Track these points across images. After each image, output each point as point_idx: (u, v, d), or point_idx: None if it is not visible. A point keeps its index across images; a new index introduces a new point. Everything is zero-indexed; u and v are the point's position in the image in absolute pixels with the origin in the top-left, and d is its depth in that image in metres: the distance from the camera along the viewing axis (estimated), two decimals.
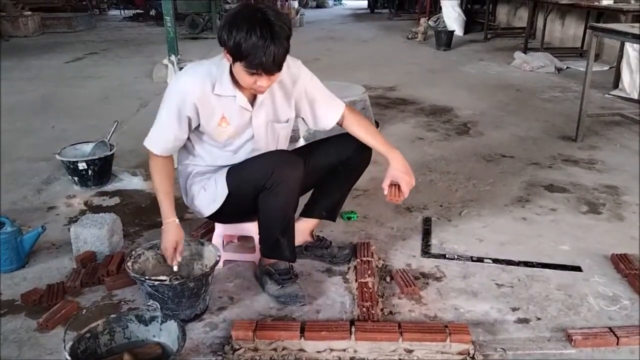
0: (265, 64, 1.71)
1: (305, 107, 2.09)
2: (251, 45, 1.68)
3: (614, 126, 4.26)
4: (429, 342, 1.75)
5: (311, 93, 2.07)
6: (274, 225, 1.99)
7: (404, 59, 7.83)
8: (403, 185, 1.99)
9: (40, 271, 2.27)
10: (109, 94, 5.61)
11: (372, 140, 2.08)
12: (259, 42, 1.67)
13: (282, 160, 1.94)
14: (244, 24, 1.69)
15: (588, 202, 2.92)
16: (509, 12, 10.56)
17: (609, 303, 2.04)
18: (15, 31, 10.31)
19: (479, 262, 2.32)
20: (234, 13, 1.76)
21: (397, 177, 2.00)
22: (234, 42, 1.70)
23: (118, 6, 15.57)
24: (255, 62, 1.71)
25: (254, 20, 1.69)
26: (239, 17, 1.72)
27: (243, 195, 1.98)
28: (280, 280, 2.04)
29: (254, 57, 1.70)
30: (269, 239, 2.04)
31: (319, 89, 2.10)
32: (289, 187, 1.92)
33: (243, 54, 1.71)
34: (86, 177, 3.05)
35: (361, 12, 16.11)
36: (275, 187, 1.89)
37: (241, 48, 1.70)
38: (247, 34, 1.68)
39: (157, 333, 1.74)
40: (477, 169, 3.42)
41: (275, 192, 1.90)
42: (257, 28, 1.68)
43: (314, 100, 2.08)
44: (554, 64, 6.54)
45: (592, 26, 4.11)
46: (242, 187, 1.97)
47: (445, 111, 4.79)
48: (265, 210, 1.97)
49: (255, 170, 1.94)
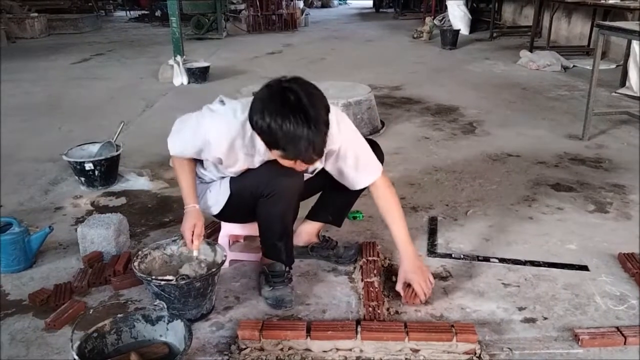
0: (304, 155, 1.63)
1: (335, 164, 1.98)
2: (287, 135, 1.58)
3: (621, 124, 4.24)
4: (435, 342, 1.74)
5: (344, 153, 1.94)
6: (272, 231, 2.00)
7: (409, 58, 7.81)
8: (416, 286, 1.96)
9: (47, 271, 2.28)
10: (115, 95, 5.63)
11: (394, 225, 2.03)
12: (296, 131, 1.57)
13: (281, 170, 1.85)
14: (277, 111, 1.57)
15: (595, 201, 2.91)
16: (514, 10, 10.53)
17: (616, 302, 2.03)
18: (21, 33, 10.38)
19: (485, 261, 2.31)
20: (264, 97, 1.63)
21: (408, 279, 1.98)
22: (268, 131, 1.60)
23: (124, 7, 15.63)
24: (292, 153, 1.63)
25: (287, 105, 1.58)
26: (270, 101, 1.61)
27: (243, 200, 1.98)
28: (272, 283, 2.04)
29: (292, 147, 1.61)
30: (267, 242, 2.06)
31: (356, 150, 1.96)
32: (286, 196, 1.91)
33: (279, 144, 1.62)
34: (93, 177, 3.06)
35: (366, 12, 16.10)
36: (272, 196, 1.88)
37: (277, 138, 1.60)
38: (282, 122, 1.56)
39: (163, 333, 1.74)
40: (483, 168, 3.41)
41: (273, 201, 1.90)
42: (290, 115, 1.56)
43: (345, 161, 1.96)
44: (560, 63, 6.51)
45: (599, 24, 4.08)
46: (242, 193, 1.97)
47: (451, 110, 4.78)
48: (263, 217, 1.98)
49: (255, 178, 1.92)
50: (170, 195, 3.01)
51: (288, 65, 7.27)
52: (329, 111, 1.68)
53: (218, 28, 10.16)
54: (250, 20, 11.20)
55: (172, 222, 2.70)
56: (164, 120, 4.52)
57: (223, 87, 5.76)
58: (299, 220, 2.33)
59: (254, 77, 6.24)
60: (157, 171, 3.36)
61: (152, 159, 3.55)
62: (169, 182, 3.19)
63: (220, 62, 7.20)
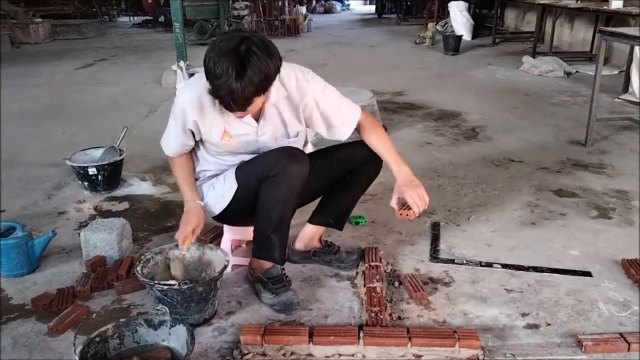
0: (223, 101, 1.72)
1: (318, 119, 2.03)
2: (214, 76, 1.66)
3: (623, 130, 4.23)
4: (438, 347, 1.74)
5: (323, 105, 2.00)
6: (269, 220, 1.96)
7: (411, 63, 7.83)
8: (409, 199, 1.93)
9: (50, 275, 2.28)
10: (119, 100, 5.65)
11: (384, 152, 2.05)
12: (221, 76, 1.64)
13: (288, 153, 1.91)
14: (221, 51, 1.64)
15: (598, 206, 2.90)
16: (517, 16, 10.55)
17: (619, 309, 2.02)
18: (26, 38, 10.44)
19: (488, 267, 2.31)
20: (224, 35, 1.71)
21: (401, 192, 1.96)
22: (205, 65, 1.68)
23: (127, 13, 15.72)
24: (213, 93, 1.72)
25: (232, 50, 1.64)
26: (223, 40, 1.67)
27: (250, 188, 1.95)
28: (274, 289, 2.02)
29: (214, 88, 1.69)
30: (261, 235, 2.01)
31: (332, 99, 2.02)
32: (290, 180, 1.89)
33: (208, 78, 1.70)
34: (96, 182, 3.07)
35: (369, 17, 16.15)
36: (277, 176, 1.87)
37: (207, 73, 1.69)
38: (216, 63, 1.64)
39: (166, 337, 1.74)
40: (485, 173, 3.41)
41: (277, 182, 1.88)
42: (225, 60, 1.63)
43: (326, 112, 2.02)
44: (562, 68, 6.51)
45: (602, 30, 4.09)
46: (249, 179, 1.95)
47: (453, 116, 4.79)
48: (264, 200, 1.94)
49: (262, 161, 1.93)
50: (173, 200, 3.02)
51: None
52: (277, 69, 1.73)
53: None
54: (253, 25, 11.24)
55: (175, 226, 2.68)
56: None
57: None
58: (301, 224, 2.34)
59: None
60: (160, 176, 3.37)
61: (155, 163, 3.55)
62: (171, 187, 3.20)
63: None
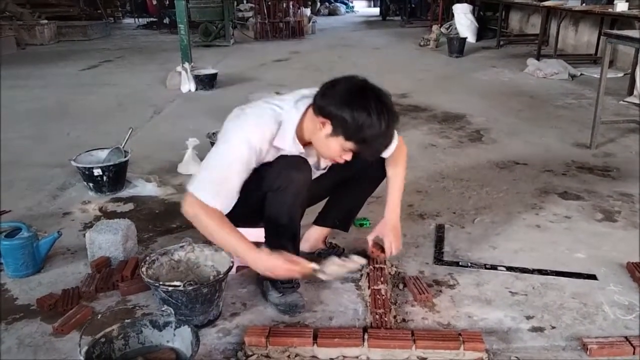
0: (376, 152, 1.76)
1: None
2: (375, 133, 1.67)
3: (628, 133, 4.22)
4: (442, 350, 1.74)
5: None
6: (279, 229, 1.96)
7: (416, 65, 7.82)
8: (387, 243, 2.06)
9: (55, 276, 2.29)
10: (123, 101, 5.67)
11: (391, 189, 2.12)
12: (382, 130, 1.66)
13: (291, 164, 1.89)
14: (369, 109, 1.65)
15: (603, 209, 2.89)
16: (521, 18, 10.53)
17: (624, 312, 2.01)
18: (31, 39, 10.48)
19: (493, 269, 2.31)
20: (351, 90, 1.69)
21: (383, 234, 2.08)
22: (354, 124, 1.65)
23: (132, 15, 15.75)
24: (372, 148, 1.73)
25: (377, 105, 1.66)
26: (360, 97, 1.67)
27: (252, 197, 1.93)
28: (281, 289, 2.03)
29: (374, 144, 1.71)
30: (273, 244, 1.97)
31: None
32: (294, 189, 1.88)
33: (361, 137, 1.68)
34: (101, 183, 3.08)
35: (373, 20, 16.14)
36: (282, 189, 1.86)
37: (362, 132, 1.67)
38: (376, 120, 1.65)
39: (171, 338, 1.75)
40: (490, 176, 3.41)
41: (282, 193, 1.87)
42: (382, 116, 1.65)
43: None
44: (567, 71, 6.50)
45: (607, 33, 4.08)
46: (251, 187, 1.92)
47: (457, 118, 4.78)
48: (271, 211, 1.93)
49: (266, 174, 1.90)
50: (178, 202, 3.01)
51: (295, 73, 7.30)
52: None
53: (226, 35, 10.22)
54: (257, 27, 11.26)
55: (180, 228, 2.71)
56: (172, 127, 4.57)
57: (230, 94, 5.79)
58: (306, 226, 2.34)
59: (261, 85, 6.26)
60: (165, 177, 3.37)
61: (160, 165, 3.56)
62: (176, 188, 3.21)
63: (227, 69, 7.23)
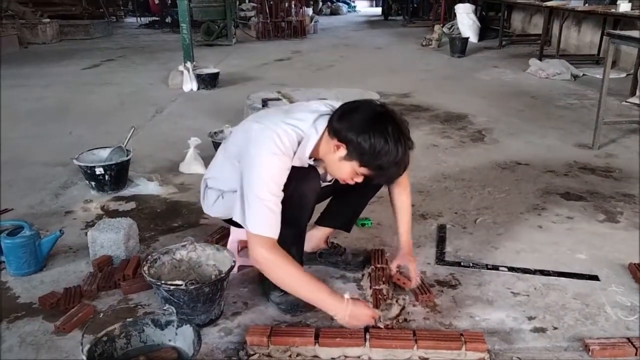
0: (395, 178, 1.77)
1: None
2: (392, 160, 1.68)
3: (631, 134, 4.21)
4: (444, 350, 1.74)
5: None
6: (286, 239, 1.92)
7: (418, 65, 7.82)
8: (412, 272, 2.07)
9: (57, 275, 2.29)
10: (125, 100, 5.67)
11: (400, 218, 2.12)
12: (398, 157, 1.68)
13: (299, 174, 1.86)
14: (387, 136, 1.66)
15: (605, 210, 2.89)
16: (524, 19, 10.52)
17: (627, 313, 2.01)
18: (34, 38, 10.50)
19: (494, 270, 2.30)
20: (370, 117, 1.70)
21: (406, 262, 2.08)
22: (370, 151, 1.67)
23: (134, 14, 15.77)
24: (387, 174, 1.73)
25: (394, 132, 1.67)
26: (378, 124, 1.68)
27: None
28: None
29: (389, 170, 1.71)
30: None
31: None
32: (304, 199, 1.89)
33: (377, 164, 1.70)
34: (103, 182, 3.08)
35: (375, 19, 16.14)
36: (290, 199, 1.84)
37: (379, 159, 1.68)
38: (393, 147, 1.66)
39: (172, 337, 1.75)
40: (492, 176, 3.40)
41: (290, 203, 1.85)
42: (399, 144, 1.66)
43: None
44: (569, 71, 6.49)
45: (609, 33, 4.07)
46: None
47: (459, 118, 4.78)
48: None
49: None
50: (180, 201, 3.03)
51: (297, 72, 7.30)
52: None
53: (228, 35, 10.22)
54: (259, 27, 11.26)
55: (181, 227, 2.71)
56: (174, 126, 4.57)
57: (232, 93, 5.80)
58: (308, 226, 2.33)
59: (263, 84, 6.26)
60: (167, 176, 3.37)
61: (162, 164, 3.56)
62: (178, 187, 3.21)
63: (229, 68, 7.24)
